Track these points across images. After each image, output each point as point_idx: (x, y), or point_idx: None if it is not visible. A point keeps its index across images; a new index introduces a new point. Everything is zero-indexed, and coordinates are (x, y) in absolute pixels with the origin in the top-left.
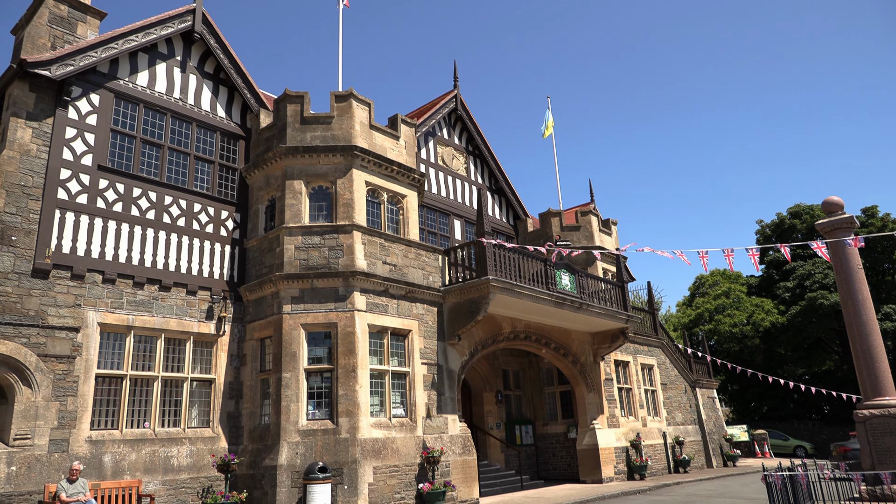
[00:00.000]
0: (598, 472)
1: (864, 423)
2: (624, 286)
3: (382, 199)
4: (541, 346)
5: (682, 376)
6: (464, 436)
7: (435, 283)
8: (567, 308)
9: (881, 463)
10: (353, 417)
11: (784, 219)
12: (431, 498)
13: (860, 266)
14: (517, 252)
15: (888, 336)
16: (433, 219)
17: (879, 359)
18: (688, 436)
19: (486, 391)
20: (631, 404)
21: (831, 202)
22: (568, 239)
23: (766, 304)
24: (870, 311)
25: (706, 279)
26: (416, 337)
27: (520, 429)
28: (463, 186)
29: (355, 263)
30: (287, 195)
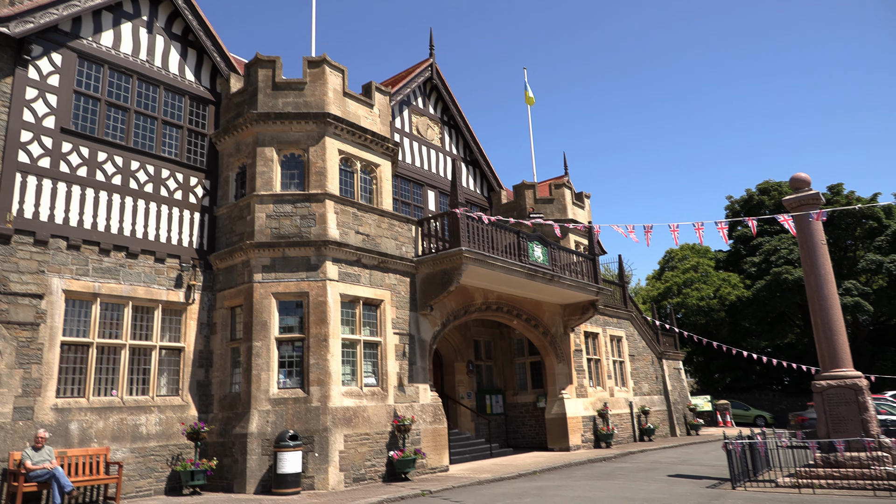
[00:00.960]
0: (566, 440)
1: (821, 393)
2: (595, 259)
3: (356, 168)
4: (512, 318)
5: (649, 348)
6: (435, 405)
7: (408, 254)
8: (539, 280)
9: (836, 431)
10: (325, 386)
11: (753, 195)
12: (402, 465)
13: (824, 242)
14: (490, 223)
15: (847, 310)
16: (407, 189)
17: (838, 332)
18: (653, 405)
19: (457, 361)
20: (599, 375)
21: (799, 178)
22: (541, 211)
23: (733, 279)
24: (831, 285)
25: (676, 253)
26: (389, 307)
27: (490, 398)
28: (437, 157)
29: (328, 233)
30: (258, 162)
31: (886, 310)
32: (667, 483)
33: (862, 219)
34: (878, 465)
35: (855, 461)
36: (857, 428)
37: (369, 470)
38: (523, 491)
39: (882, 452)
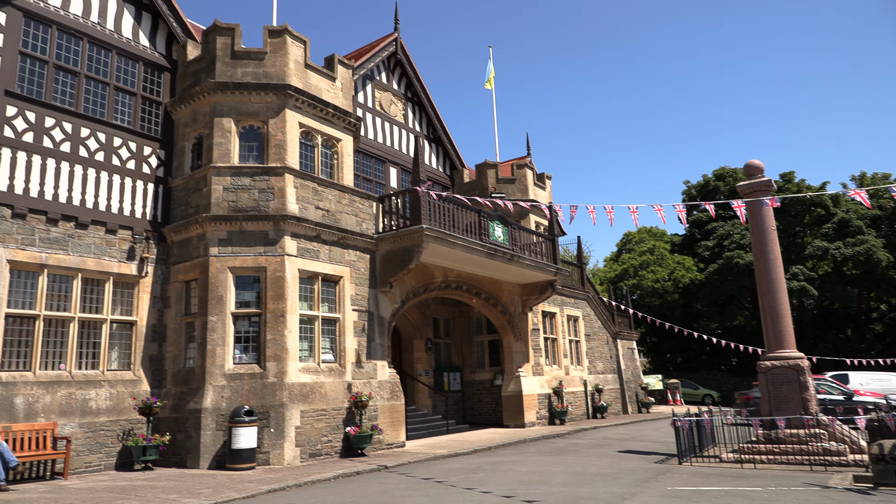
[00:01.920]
0: (521, 417)
1: (765, 373)
2: (555, 240)
3: (316, 143)
4: (472, 296)
5: (605, 328)
6: (392, 381)
7: (368, 230)
8: (499, 259)
9: (778, 409)
10: (282, 362)
11: (709, 180)
12: (358, 441)
13: (774, 227)
14: (452, 202)
15: (793, 294)
16: (369, 165)
17: (784, 314)
18: (607, 384)
19: (416, 339)
20: (555, 354)
21: (752, 165)
22: (503, 191)
23: (687, 262)
24: (779, 269)
25: (633, 236)
26: (348, 283)
27: (448, 376)
28: (400, 133)
29: (287, 207)
30: (215, 133)
31: (830, 295)
32: (617, 458)
33: (811, 206)
34: (816, 441)
35: (794, 438)
36: (797, 406)
37: (325, 446)
38: (478, 466)
39: (819, 430)
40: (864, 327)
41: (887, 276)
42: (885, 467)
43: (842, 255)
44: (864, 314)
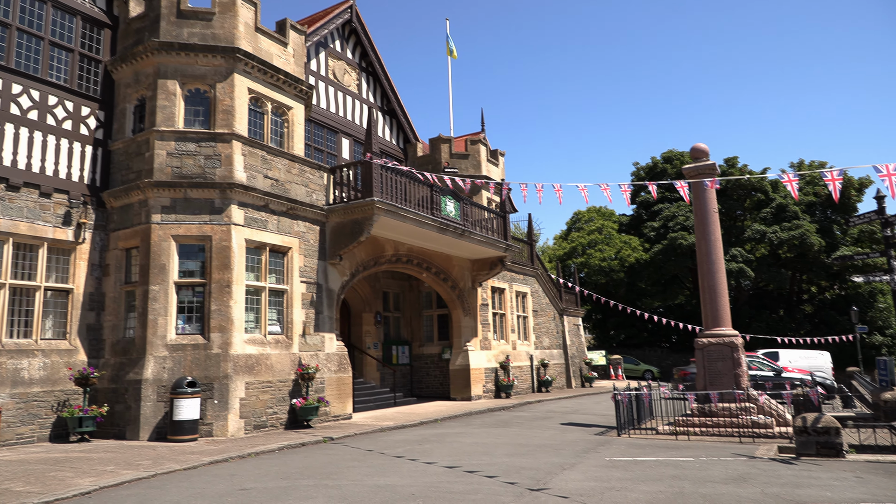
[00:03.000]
0: (468, 390)
1: (702, 349)
2: (506, 217)
3: (266, 110)
4: (422, 271)
5: (552, 304)
6: (340, 354)
7: (318, 202)
8: (450, 234)
9: (712, 384)
10: (227, 333)
11: (658, 162)
12: (304, 413)
13: (716, 210)
14: (404, 175)
15: (732, 275)
16: (320, 135)
17: (722, 294)
18: (552, 359)
19: (365, 312)
20: (503, 329)
21: (698, 149)
22: (456, 166)
23: (634, 242)
24: (719, 251)
25: (583, 215)
26: (297, 255)
27: (397, 349)
28: (353, 104)
29: (234, 175)
30: (159, 96)
31: (766, 276)
32: (559, 431)
33: (752, 191)
34: (746, 414)
35: (726, 411)
36: (730, 381)
37: (271, 417)
38: (424, 438)
39: (749, 403)
40: (795, 308)
41: (818, 259)
42: (806, 439)
43: (778, 238)
44: (796, 295)
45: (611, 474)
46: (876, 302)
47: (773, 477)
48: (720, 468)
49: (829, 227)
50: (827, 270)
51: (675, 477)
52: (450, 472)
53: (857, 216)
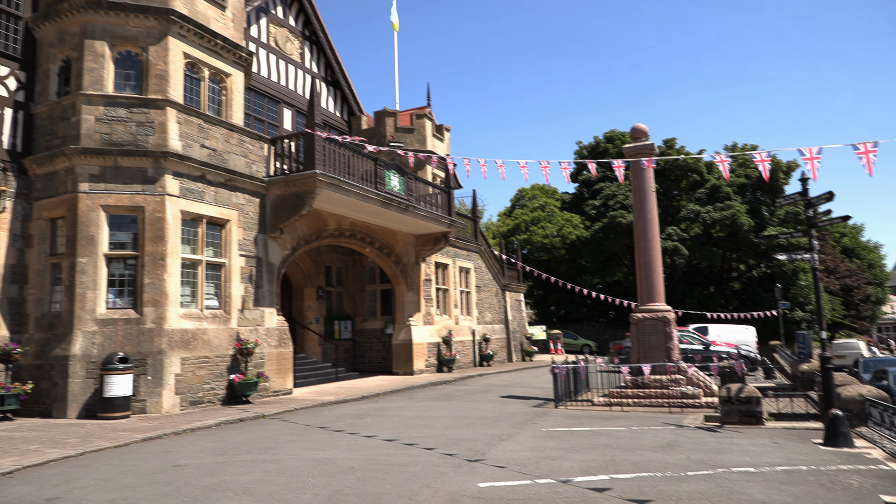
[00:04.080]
0: (411, 365)
1: (637, 324)
2: (450, 192)
3: (203, 76)
4: (365, 245)
5: (495, 280)
6: (280, 329)
7: (259, 173)
8: (394, 209)
9: (645, 357)
10: (161, 307)
11: (600, 142)
12: (243, 388)
13: (653, 189)
14: (348, 148)
15: (667, 253)
16: (261, 105)
17: (657, 271)
18: (494, 334)
19: (307, 287)
20: (446, 304)
21: (638, 129)
22: (401, 141)
23: (575, 220)
24: (655, 229)
25: (526, 192)
26: (235, 227)
27: (339, 324)
28: (296, 73)
29: (168, 143)
30: (86, 57)
31: (699, 255)
32: (499, 403)
33: (688, 172)
34: (675, 386)
35: (657, 383)
36: (662, 355)
37: (208, 393)
38: (364, 412)
39: (679, 375)
40: (724, 285)
41: (747, 239)
42: (730, 408)
43: (711, 218)
44: (726, 273)
45: (547, 444)
46: (798, 280)
47: (698, 444)
48: (650, 437)
49: (759, 208)
50: (755, 249)
51: (607, 446)
52: (390, 445)
53: (783, 198)
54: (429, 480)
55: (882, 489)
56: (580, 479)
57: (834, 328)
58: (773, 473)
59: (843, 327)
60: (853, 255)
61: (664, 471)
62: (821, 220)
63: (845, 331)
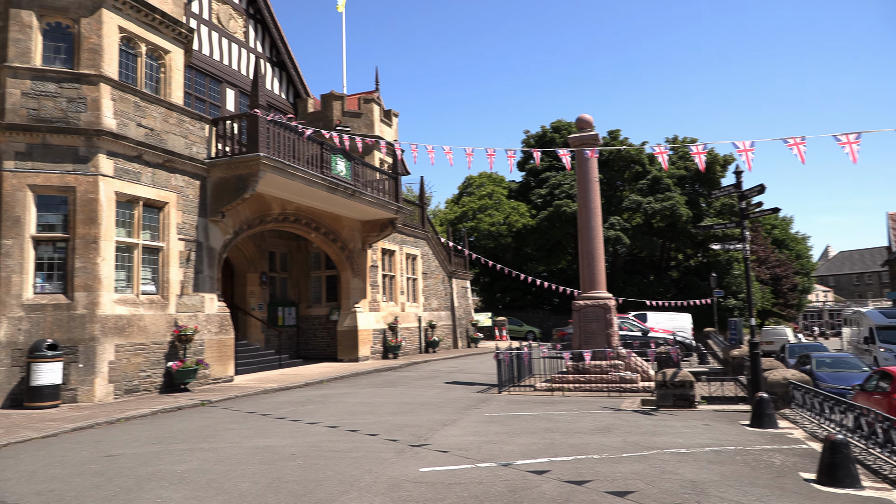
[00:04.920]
0: (356, 351)
1: (578, 311)
2: (398, 178)
3: (140, 52)
4: (311, 231)
5: (441, 267)
6: (221, 315)
7: (199, 155)
8: (340, 194)
9: (587, 343)
10: (93, 292)
11: (547, 131)
12: (181, 376)
13: (597, 179)
14: (293, 131)
15: (610, 242)
16: (203, 84)
17: (599, 259)
18: (440, 321)
19: (250, 272)
20: (393, 290)
21: (583, 119)
22: (349, 125)
23: (522, 208)
24: (598, 218)
25: (474, 180)
26: (174, 210)
27: (283, 310)
28: (240, 53)
29: (102, 121)
30: (11, 27)
31: (640, 244)
32: (444, 389)
33: (631, 163)
34: (615, 371)
35: (597, 368)
36: (603, 341)
37: (144, 381)
38: (307, 399)
39: (618, 361)
40: (663, 273)
41: (686, 229)
42: (665, 392)
43: (652, 209)
44: (665, 262)
45: (489, 429)
46: (732, 269)
47: (634, 427)
48: (589, 420)
49: (697, 200)
50: (692, 239)
51: (547, 430)
52: (332, 431)
53: (719, 190)
54: (371, 466)
55: (801, 467)
56: (521, 463)
57: (764, 316)
58: (702, 454)
59: (772, 315)
60: (783, 245)
61: (601, 453)
62: (753, 211)
63: (774, 318)
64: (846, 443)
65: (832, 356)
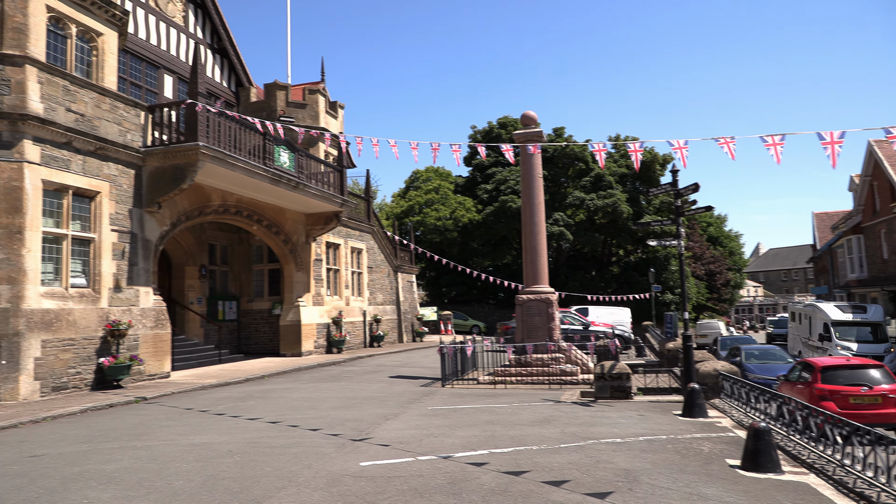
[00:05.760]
0: (299, 346)
1: (521, 305)
2: (343, 171)
3: (70, 33)
4: (253, 223)
5: (387, 261)
6: (157, 309)
7: (134, 143)
8: (283, 186)
9: (529, 337)
10: (18, 285)
11: (494, 127)
12: (114, 372)
13: (541, 175)
14: (235, 121)
15: (554, 237)
16: (139, 69)
17: (542, 254)
18: (385, 315)
19: (189, 265)
20: (337, 284)
21: (528, 116)
22: (293, 116)
23: (468, 203)
24: (542, 214)
25: (421, 174)
26: (107, 200)
27: (223, 304)
28: (179, 38)
29: (27, 105)
30: None
31: (583, 240)
32: (387, 383)
33: (575, 160)
34: (556, 364)
35: (539, 361)
36: (545, 334)
37: (74, 378)
38: (248, 394)
39: (560, 354)
40: (605, 269)
41: (626, 226)
42: (603, 384)
43: (595, 205)
44: (607, 258)
45: (431, 422)
46: (670, 265)
47: (572, 418)
48: (529, 412)
49: (638, 197)
50: (633, 236)
51: (489, 422)
52: (272, 427)
53: (657, 188)
54: (311, 461)
55: (728, 454)
56: (461, 455)
57: (699, 310)
58: (636, 443)
59: (706, 309)
60: (717, 243)
61: (540, 444)
62: (688, 209)
63: (708, 312)
64: (768, 430)
65: (760, 348)
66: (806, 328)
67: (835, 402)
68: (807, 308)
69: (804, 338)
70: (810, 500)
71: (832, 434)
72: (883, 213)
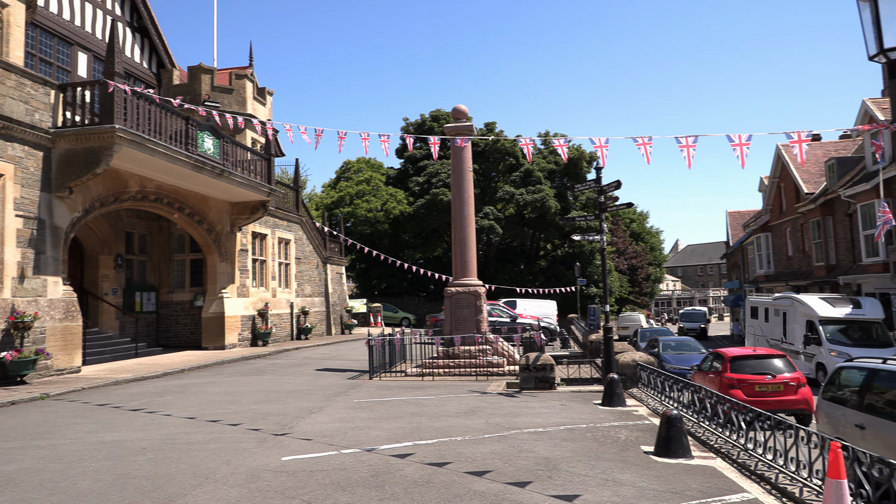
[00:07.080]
0: (223, 339)
1: (450, 297)
2: (271, 159)
3: None
4: (174, 211)
5: (316, 252)
6: (67, 300)
7: (43, 123)
8: (207, 173)
9: (458, 329)
10: None
11: (426, 120)
12: (17, 367)
13: (471, 169)
14: (155, 104)
15: (484, 231)
16: (49, 45)
17: (471, 248)
18: (314, 307)
19: (103, 254)
20: (264, 276)
21: (459, 110)
22: (219, 101)
23: (399, 195)
24: (471, 207)
25: (352, 165)
26: (11, 184)
27: (141, 296)
28: (95, 14)
29: None
30: None
31: (512, 234)
32: (314, 376)
33: (506, 155)
34: (483, 356)
35: (467, 353)
36: (473, 327)
37: None
38: (166, 389)
39: (487, 346)
40: (533, 262)
41: (554, 221)
42: (528, 375)
43: (524, 200)
44: (535, 252)
45: (356, 415)
46: (595, 259)
47: (497, 409)
48: (455, 404)
49: (565, 193)
50: (560, 230)
51: (414, 414)
52: (190, 422)
53: (582, 184)
54: (229, 457)
55: (643, 441)
56: (385, 447)
57: (621, 303)
58: (557, 432)
59: (628, 302)
60: (640, 238)
61: (465, 435)
62: (611, 205)
63: (630, 305)
64: (679, 417)
65: (676, 340)
66: (776, 327)
67: (742, 390)
68: (778, 302)
69: (772, 339)
70: (716, 482)
71: (737, 420)
72: (788, 213)
